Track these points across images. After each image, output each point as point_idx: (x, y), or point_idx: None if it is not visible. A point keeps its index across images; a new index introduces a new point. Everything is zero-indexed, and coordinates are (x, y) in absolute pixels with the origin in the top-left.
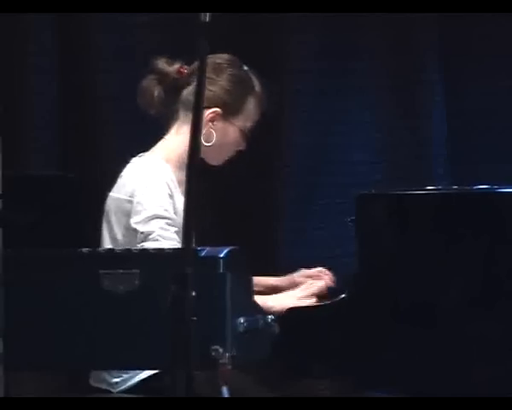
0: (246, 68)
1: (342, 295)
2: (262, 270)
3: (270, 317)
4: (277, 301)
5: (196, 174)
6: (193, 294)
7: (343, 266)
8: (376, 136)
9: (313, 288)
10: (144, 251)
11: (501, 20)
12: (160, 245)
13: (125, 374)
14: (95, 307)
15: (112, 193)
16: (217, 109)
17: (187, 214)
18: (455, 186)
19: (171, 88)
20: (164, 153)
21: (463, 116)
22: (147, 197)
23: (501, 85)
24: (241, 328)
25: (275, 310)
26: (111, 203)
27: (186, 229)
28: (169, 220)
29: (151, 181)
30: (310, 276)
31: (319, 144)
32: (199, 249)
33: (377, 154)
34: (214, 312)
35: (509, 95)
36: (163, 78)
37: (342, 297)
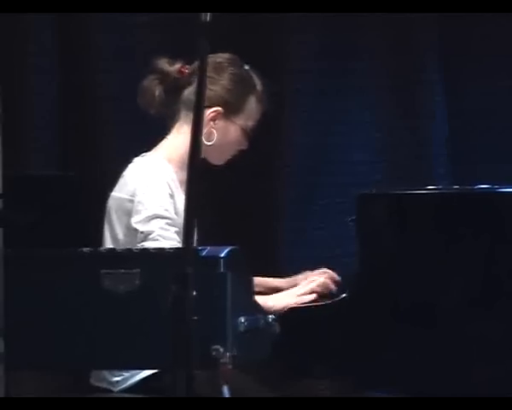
0: (247, 67)
1: (343, 294)
2: (262, 270)
3: (270, 316)
4: (278, 300)
5: (197, 174)
6: (193, 293)
7: (343, 266)
8: (376, 136)
9: (313, 284)
10: (145, 251)
11: (501, 20)
12: (160, 245)
13: (126, 373)
14: (95, 307)
15: (113, 192)
16: (218, 108)
17: (187, 214)
18: (455, 186)
19: (172, 88)
20: (166, 153)
21: (463, 116)
22: (147, 197)
23: (501, 85)
24: (242, 328)
25: (275, 310)
26: (112, 203)
27: (187, 229)
28: (169, 220)
29: (152, 181)
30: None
31: (319, 144)
32: (199, 249)
33: (377, 154)
34: (215, 311)
35: (509, 95)
36: (164, 77)
37: (343, 297)
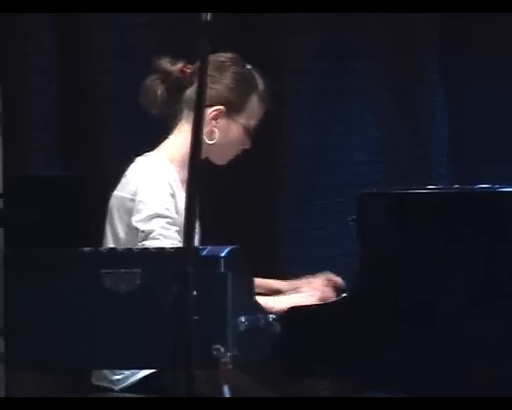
0: (249, 67)
1: (343, 294)
2: (262, 270)
3: (271, 316)
4: (279, 302)
5: (198, 173)
6: (194, 293)
7: (343, 266)
8: (376, 136)
9: (314, 299)
10: (145, 250)
11: (501, 20)
12: (161, 244)
13: (127, 371)
14: (96, 307)
15: (115, 192)
16: (220, 107)
17: (188, 214)
18: (456, 186)
19: (174, 87)
20: (168, 152)
21: (463, 116)
22: (149, 196)
23: (501, 85)
24: (242, 327)
25: (276, 311)
26: (114, 202)
27: (187, 228)
28: (170, 219)
29: (153, 180)
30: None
31: (319, 144)
32: (200, 249)
33: (377, 154)
34: (215, 311)
35: (510, 95)
36: (166, 77)
37: (343, 297)
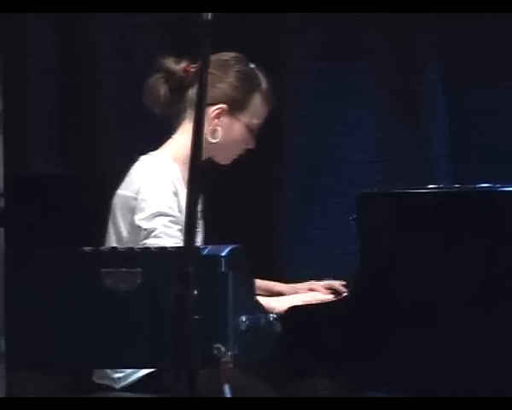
0: (253, 66)
1: (343, 294)
2: (262, 270)
3: (271, 315)
4: (280, 302)
5: (199, 173)
6: (195, 292)
7: (344, 266)
8: (376, 135)
9: (317, 294)
10: (146, 250)
11: (501, 20)
12: (163, 242)
13: (128, 369)
14: (97, 306)
15: (119, 190)
16: (222, 106)
17: (189, 213)
18: (456, 185)
19: (177, 87)
20: (171, 151)
21: (464, 116)
22: (151, 195)
23: (501, 85)
24: (243, 326)
25: (277, 311)
26: (117, 200)
27: (188, 227)
28: (173, 218)
29: (156, 179)
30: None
31: (319, 144)
32: (201, 248)
33: (377, 153)
34: (216, 310)
35: (510, 95)
36: (169, 76)
37: (343, 296)
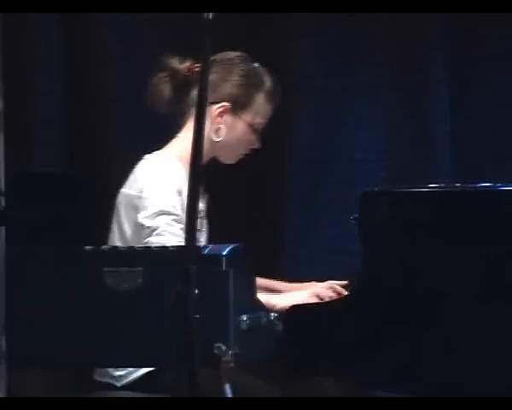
0: (257, 65)
1: (346, 293)
2: (263, 269)
3: (273, 314)
4: (281, 299)
5: (200, 172)
6: (196, 291)
7: (346, 265)
8: (380, 135)
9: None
10: (147, 249)
11: (506, 20)
12: (166, 240)
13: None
14: (98, 305)
15: (123, 189)
16: (225, 104)
17: (190, 212)
18: (458, 184)
19: (181, 86)
20: (176, 151)
21: (468, 115)
22: (155, 193)
23: (506, 85)
24: (244, 325)
25: (278, 308)
26: (122, 199)
27: (189, 226)
28: (176, 217)
29: (160, 177)
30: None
31: (321, 144)
32: (202, 247)
33: (381, 152)
34: (217, 309)
35: None
36: (174, 75)
37: (346, 295)
